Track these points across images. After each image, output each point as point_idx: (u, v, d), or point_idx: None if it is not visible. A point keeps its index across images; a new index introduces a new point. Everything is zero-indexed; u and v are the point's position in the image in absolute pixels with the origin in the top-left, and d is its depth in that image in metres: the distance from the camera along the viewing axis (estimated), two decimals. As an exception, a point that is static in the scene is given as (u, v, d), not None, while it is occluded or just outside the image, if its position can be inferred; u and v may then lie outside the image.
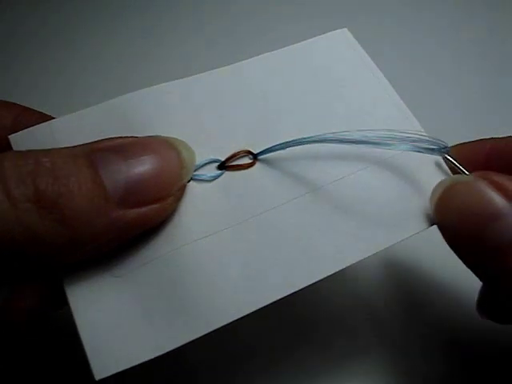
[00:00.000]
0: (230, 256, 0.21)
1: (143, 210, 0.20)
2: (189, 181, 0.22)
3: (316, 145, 0.22)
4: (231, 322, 0.20)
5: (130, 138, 0.21)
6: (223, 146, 0.23)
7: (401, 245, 0.21)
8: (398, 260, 0.34)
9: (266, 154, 0.23)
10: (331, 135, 0.22)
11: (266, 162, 0.23)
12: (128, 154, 0.20)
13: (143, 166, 0.20)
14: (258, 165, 0.23)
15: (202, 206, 0.22)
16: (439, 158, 0.23)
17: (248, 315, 0.20)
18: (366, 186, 0.23)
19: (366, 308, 0.32)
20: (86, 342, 0.19)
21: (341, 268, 0.21)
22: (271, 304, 0.20)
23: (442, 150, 0.22)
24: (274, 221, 0.22)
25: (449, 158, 0.23)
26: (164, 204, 0.21)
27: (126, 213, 0.19)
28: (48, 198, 0.18)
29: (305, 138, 0.22)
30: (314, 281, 0.21)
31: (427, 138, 0.21)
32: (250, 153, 0.23)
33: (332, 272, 0.21)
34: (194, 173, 0.22)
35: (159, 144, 0.21)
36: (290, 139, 0.22)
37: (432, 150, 0.21)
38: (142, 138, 0.21)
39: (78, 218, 0.18)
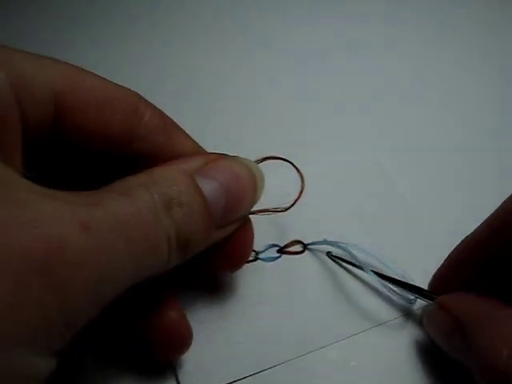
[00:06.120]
0: (277, 318, 0.28)
1: (229, 228, 0.22)
2: (256, 260, 0.30)
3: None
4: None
5: (219, 160, 0.22)
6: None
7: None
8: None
9: (313, 245, 0.31)
10: (351, 248, 0.29)
11: (311, 251, 0.31)
12: (221, 177, 0.21)
13: (236, 188, 0.21)
14: (306, 253, 0.31)
15: (262, 278, 0.29)
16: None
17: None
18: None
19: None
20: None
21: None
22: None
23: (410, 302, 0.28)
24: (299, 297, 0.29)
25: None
26: (240, 222, 0.23)
27: (219, 233, 0.21)
28: (182, 234, 0.19)
29: (339, 242, 0.30)
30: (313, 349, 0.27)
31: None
32: (301, 242, 0.31)
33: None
34: (259, 255, 0.30)
35: (241, 167, 0.22)
36: (330, 239, 0.30)
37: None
38: (228, 160, 0.22)
39: (196, 245, 0.20)
